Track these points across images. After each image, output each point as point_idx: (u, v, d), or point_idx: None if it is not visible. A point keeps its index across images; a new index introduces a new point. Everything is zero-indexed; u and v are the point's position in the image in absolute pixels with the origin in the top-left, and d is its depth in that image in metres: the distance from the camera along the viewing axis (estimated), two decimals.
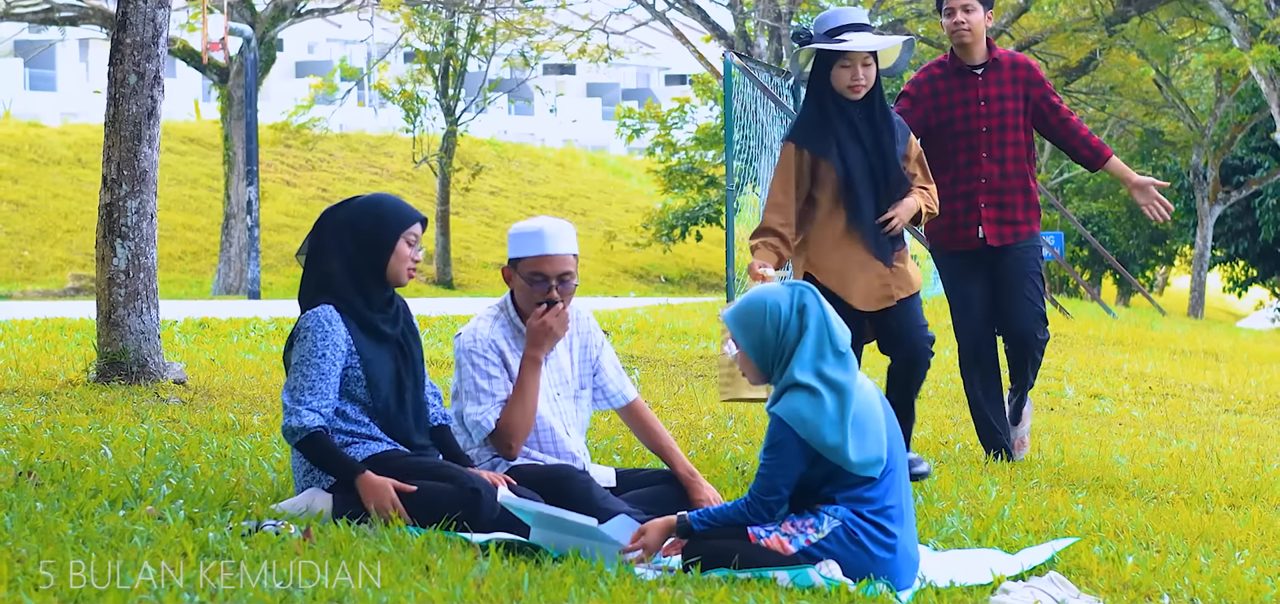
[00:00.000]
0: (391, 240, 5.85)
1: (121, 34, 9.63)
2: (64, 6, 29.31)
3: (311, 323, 5.77)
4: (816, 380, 5.24)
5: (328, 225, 5.89)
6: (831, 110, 7.25)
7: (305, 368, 5.73)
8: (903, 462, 5.42)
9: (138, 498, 5.78)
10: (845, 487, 5.29)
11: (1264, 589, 5.67)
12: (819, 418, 5.21)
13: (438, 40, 36.87)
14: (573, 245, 6.06)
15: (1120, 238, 44.17)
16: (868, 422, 5.28)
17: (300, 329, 5.79)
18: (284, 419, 5.71)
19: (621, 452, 7.72)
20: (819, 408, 5.22)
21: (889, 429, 5.37)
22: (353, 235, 5.84)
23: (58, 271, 32.87)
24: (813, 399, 5.22)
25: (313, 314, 5.79)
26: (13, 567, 4.55)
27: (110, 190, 9.62)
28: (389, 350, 5.88)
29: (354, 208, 5.90)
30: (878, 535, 5.28)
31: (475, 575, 4.81)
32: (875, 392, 5.38)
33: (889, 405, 5.46)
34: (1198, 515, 7.13)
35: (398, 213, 5.88)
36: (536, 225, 6.04)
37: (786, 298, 5.34)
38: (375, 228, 5.84)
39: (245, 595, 4.40)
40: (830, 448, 5.22)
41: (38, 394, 8.95)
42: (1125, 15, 29.48)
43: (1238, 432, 10.85)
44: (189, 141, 41.68)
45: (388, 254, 5.85)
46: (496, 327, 6.11)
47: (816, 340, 5.29)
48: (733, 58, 17.46)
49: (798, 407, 5.22)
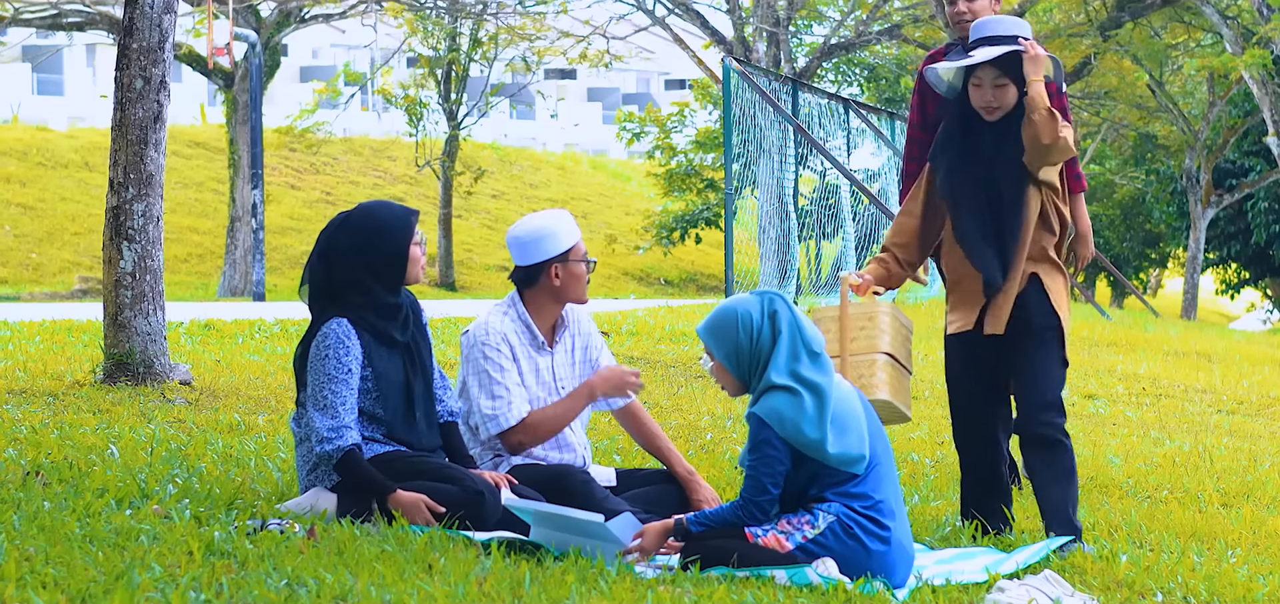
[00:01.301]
0: (404, 250, 5.89)
1: (128, 40, 9.64)
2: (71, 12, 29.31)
3: (331, 339, 5.77)
4: (793, 381, 5.28)
5: (336, 247, 5.86)
6: (958, 130, 6.32)
7: (334, 385, 5.73)
8: (889, 457, 5.44)
9: (144, 497, 5.79)
10: (833, 484, 5.31)
11: (1256, 587, 5.67)
12: (798, 416, 5.24)
13: (440, 45, 36.86)
14: None
15: (1114, 241, 44.17)
16: (848, 419, 5.31)
17: (319, 343, 5.78)
18: (324, 443, 5.68)
19: (622, 452, 7.73)
20: (798, 406, 5.26)
21: (872, 426, 5.40)
22: (367, 254, 5.84)
23: (65, 274, 32.87)
24: (791, 398, 5.26)
25: (330, 330, 5.78)
26: (21, 565, 4.55)
27: (117, 193, 9.62)
28: (399, 357, 5.90)
29: (357, 227, 5.88)
30: (873, 529, 5.30)
31: (477, 574, 4.81)
32: (853, 392, 5.43)
33: (869, 404, 5.48)
34: (1191, 514, 7.13)
35: (402, 222, 5.90)
36: (561, 214, 6.19)
37: (757, 306, 5.38)
38: (387, 243, 5.85)
39: (250, 594, 4.40)
40: (810, 444, 5.25)
41: (45, 395, 8.96)
42: (1119, 21, 29.48)
43: (1230, 432, 10.85)
44: (195, 145, 41.66)
45: (404, 263, 5.89)
46: (506, 321, 6.16)
47: (790, 344, 5.33)
48: (731, 63, 17.46)
49: (776, 405, 5.26)
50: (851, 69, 40.58)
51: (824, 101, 21.49)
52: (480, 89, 38.51)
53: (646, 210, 43.30)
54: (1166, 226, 41.55)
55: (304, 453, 5.88)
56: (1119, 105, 36.60)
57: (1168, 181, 40.00)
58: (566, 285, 6.16)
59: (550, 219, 6.16)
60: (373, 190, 41.81)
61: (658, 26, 31.91)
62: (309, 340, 5.86)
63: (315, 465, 5.82)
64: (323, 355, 5.77)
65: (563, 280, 6.15)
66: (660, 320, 15.83)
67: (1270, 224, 36.56)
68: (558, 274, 6.15)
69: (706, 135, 39.15)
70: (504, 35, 35.52)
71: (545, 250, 6.11)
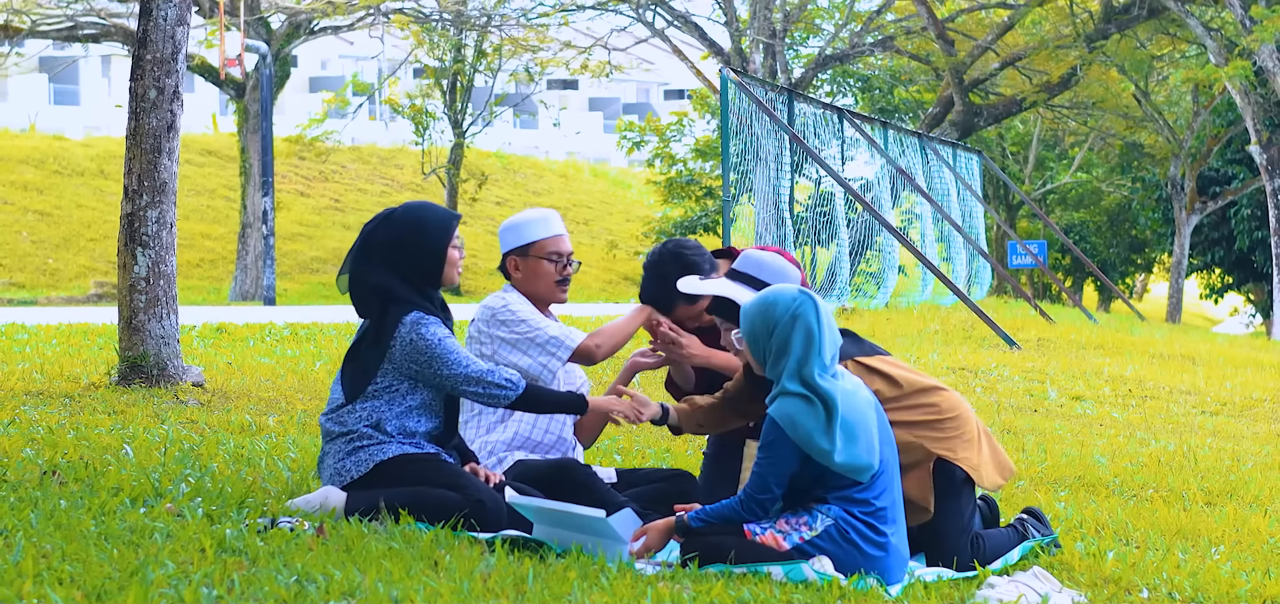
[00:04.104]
0: (443, 251, 5.85)
1: (142, 51, 9.64)
2: (87, 24, 29.31)
3: (432, 322, 5.74)
4: (803, 388, 5.25)
5: (379, 244, 5.83)
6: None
7: (460, 353, 5.72)
8: (895, 465, 5.42)
9: (158, 496, 5.78)
10: (836, 487, 5.30)
11: (1239, 583, 5.67)
12: (810, 423, 5.23)
13: (446, 57, 36.88)
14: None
15: (1101, 246, 44.15)
16: (859, 429, 5.28)
17: (415, 330, 5.71)
18: (507, 390, 5.70)
19: (622, 452, 7.72)
20: (812, 414, 5.24)
21: (882, 434, 5.37)
22: (406, 253, 5.80)
23: (81, 279, 32.87)
24: (806, 406, 5.25)
25: (421, 319, 5.73)
26: (38, 562, 4.55)
27: (131, 201, 9.62)
28: None
29: (399, 226, 5.85)
30: (869, 534, 5.28)
31: (482, 570, 4.81)
32: (869, 401, 5.37)
33: (882, 411, 5.44)
34: (1175, 512, 7.13)
35: (442, 223, 5.87)
36: (538, 211, 6.16)
37: (787, 303, 5.36)
38: (425, 243, 5.82)
39: (261, 590, 4.40)
40: (819, 452, 5.23)
41: (62, 396, 8.95)
42: (1106, 33, 29.48)
43: (1214, 432, 10.85)
44: (207, 154, 41.67)
45: (441, 264, 5.86)
46: (513, 295, 6.15)
47: (804, 350, 5.30)
48: (729, 73, 17.46)
49: (790, 410, 5.24)
50: (846, 80, 40.60)
51: (819, 111, 21.49)
52: (485, 99, 38.54)
53: (646, 217, 43.31)
54: (1152, 233, 41.54)
55: (339, 448, 5.81)
56: (1106, 115, 36.60)
57: (1153, 189, 39.99)
58: (527, 278, 6.14)
59: (523, 214, 6.16)
60: (380, 197, 41.82)
61: (657, 38, 31.93)
62: (384, 336, 5.76)
63: (347, 455, 5.76)
64: (433, 337, 5.71)
65: (523, 273, 6.14)
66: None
67: (1253, 230, 36.56)
68: (517, 267, 6.14)
69: (705, 144, 39.17)
70: (508, 47, 35.54)
71: (508, 242, 6.14)
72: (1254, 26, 25.25)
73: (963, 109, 29.99)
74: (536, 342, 6.04)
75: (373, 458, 5.75)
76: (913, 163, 24.64)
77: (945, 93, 30.66)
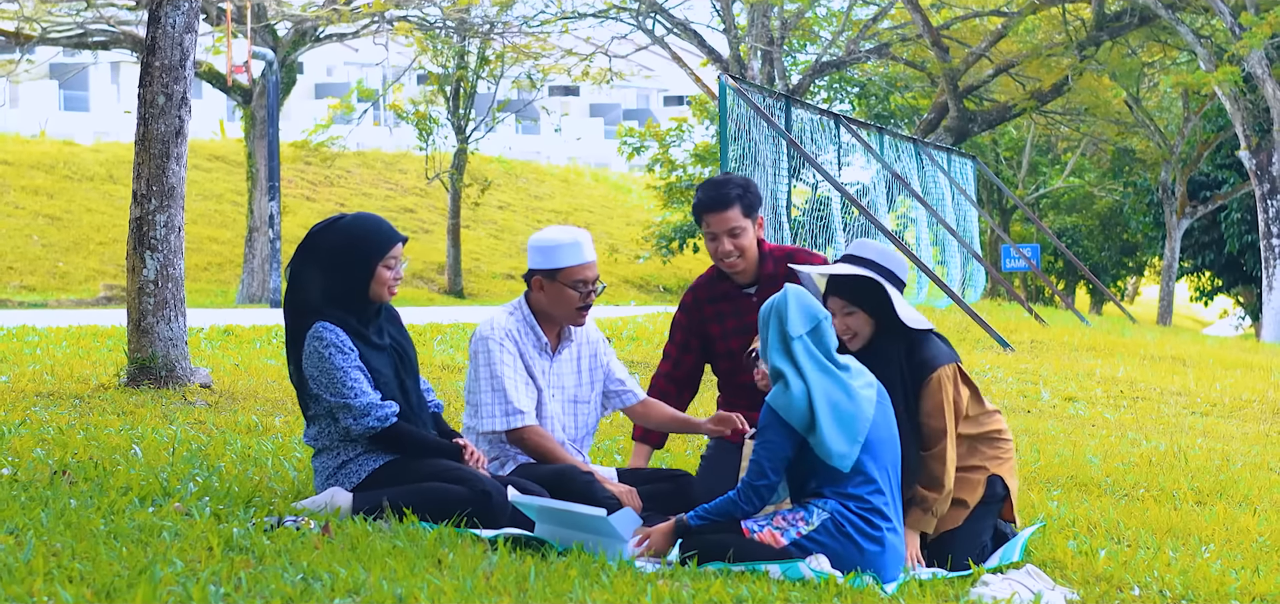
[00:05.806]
0: (372, 266, 5.78)
1: (151, 57, 9.64)
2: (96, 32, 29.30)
3: (327, 336, 5.69)
4: (791, 368, 5.31)
5: (314, 248, 5.78)
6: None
7: (350, 374, 5.67)
8: (895, 464, 5.42)
9: (166, 495, 5.79)
10: (833, 482, 5.31)
11: (1228, 581, 5.67)
12: (798, 401, 5.26)
13: (449, 63, 36.87)
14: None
15: (1093, 250, 44.15)
16: (842, 418, 5.30)
17: (316, 345, 5.70)
18: (363, 419, 5.64)
19: (622, 452, 7.72)
20: (798, 393, 5.27)
21: (884, 430, 5.38)
22: (335, 262, 5.75)
23: (90, 282, 32.86)
24: (793, 384, 5.28)
25: (318, 331, 5.70)
26: (48, 560, 4.55)
27: (140, 205, 9.63)
28: (387, 357, 5.86)
29: (337, 233, 5.79)
30: (866, 529, 5.29)
31: (485, 569, 4.81)
32: (871, 400, 5.38)
33: (889, 406, 5.46)
34: (1166, 512, 7.13)
35: (377, 239, 5.79)
36: (571, 235, 6.06)
37: (795, 299, 5.40)
38: (356, 255, 5.76)
39: (267, 588, 4.40)
40: (807, 429, 5.26)
41: (72, 397, 8.96)
42: (1097, 40, 29.48)
43: (1204, 433, 10.84)
44: (214, 159, 41.67)
45: (369, 279, 5.79)
46: (513, 321, 6.13)
47: (806, 341, 5.35)
48: (728, 80, 17.46)
49: (781, 393, 5.30)
50: (842, 86, 40.59)
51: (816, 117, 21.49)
52: (487, 105, 38.52)
53: (646, 221, 43.30)
54: (1143, 236, 41.53)
55: (323, 462, 5.82)
56: (1097, 121, 36.60)
57: (1144, 193, 39.99)
58: (551, 301, 6.08)
59: (557, 234, 6.07)
60: (385, 201, 41.83)
61: (657, 46, 31.93)
62: (297, 351, 5.76)
63: (335, 471, 5.77)
64: (325, 353, 5.69)
65: (547, 295, 6.08)
66: (660, 326, 15.83)
67: (1242, 234, 36.55)
68: (542, 286, 6.09)
69: (704, 149, 39.17)
70: (510, 53, 35.54)
71: (536, 261, 6.09)
72: (1243, 33, 25.25)
73: (957, 115, 29.98)
74: (497, 391, 6.01)
75: (363, 469, 5.76)
76: (908, 168, 24.65)
77: (940, 99, 30.66)
